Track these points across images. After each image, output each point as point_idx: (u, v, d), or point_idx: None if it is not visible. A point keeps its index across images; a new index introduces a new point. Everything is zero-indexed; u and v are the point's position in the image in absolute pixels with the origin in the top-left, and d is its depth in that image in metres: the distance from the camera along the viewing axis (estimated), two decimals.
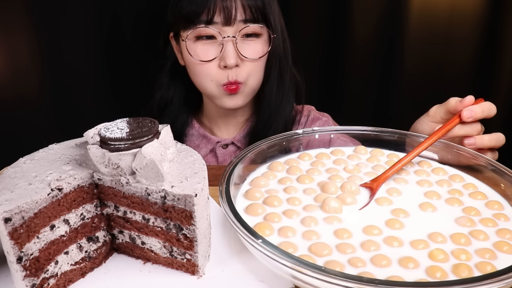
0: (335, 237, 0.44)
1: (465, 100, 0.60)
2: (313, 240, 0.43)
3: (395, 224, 0.46)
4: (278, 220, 0.46)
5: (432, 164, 0.60)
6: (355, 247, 0.42)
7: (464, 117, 0.59)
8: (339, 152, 0.63)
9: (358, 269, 0.39)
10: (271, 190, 0.53)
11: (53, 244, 0.39)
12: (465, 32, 1.12)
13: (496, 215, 0.48)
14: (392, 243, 0.43)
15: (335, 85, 1.20)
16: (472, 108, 0.59)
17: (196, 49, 0.78)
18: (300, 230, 0.45)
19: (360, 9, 1.12)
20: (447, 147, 0.60)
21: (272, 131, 0.83)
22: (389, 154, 0.63)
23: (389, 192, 0.52)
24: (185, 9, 0.77)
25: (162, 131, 0.43)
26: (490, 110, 0.60)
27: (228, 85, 0.79)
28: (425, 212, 0.49)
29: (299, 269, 0.36)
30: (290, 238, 0.44)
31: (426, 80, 1.16)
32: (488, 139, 0.60)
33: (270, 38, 0.80)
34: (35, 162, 0.43)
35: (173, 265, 0.44)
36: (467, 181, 0.55)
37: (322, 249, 0.41)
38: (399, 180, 0.55)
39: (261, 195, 0.52)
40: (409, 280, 0.38)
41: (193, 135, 0.91)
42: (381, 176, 0.54)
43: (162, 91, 0.89)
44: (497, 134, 0.61)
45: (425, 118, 0.66)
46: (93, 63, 1.11)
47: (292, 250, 0.41)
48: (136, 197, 0.41)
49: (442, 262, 0.40)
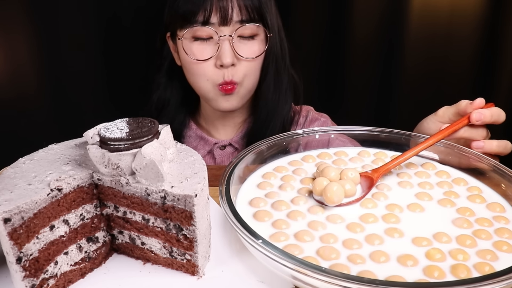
0: (337, 238, 0.44)
1: (475, 102, 0.60)
2: (318, 242, 0.43)
3: (394, 230, 0.45)
4: (286, 226, 0.46)
5: (437, 166, 0.59)
6: (355, 245, 0.42)
7: (473, 119, 0.59)
8: (342, 154, 0.63)
9: (358, 266, 0.40)
10: (272, 191, 0.53)
11: (53, 245, 0.39)
12: (465, 32, 1.12)
13: (496, 217, 0.47)
14: (391, 241, 0.43)
15: (336, 85, 1.20)
16: (482, 111, 0.59)
17: (192, 48, 0.78)
18: (303, 231, 0.45)
19: (360, 9, 1.12)
20: (448, 147, 0.60)
21: (270, 131, 0.83)
22: (392, 155, 0.62)
23: (389, 193, 0.52)
24: (181, 8, 0.76)
25: (162, 131, 0.43)
26: (499, 116, 0.60)
27: (224, 85, 0.78)
28: (419, 213, 0.48)
29: (299, 269, 0.36)
30: (296, 242, 0.43)
31: (426, 81, 1.16)
32: (496, 145, 0.60)
33: (267, 38, 0.80)
34: (35, 162, 0.43)
35: (173, 265, 0.44)
36: (471, 184, 0.55)
37: (330, 253, 0.41)
38: (404, 184, 0.54)
39: (263, 195, 0.51)
40: (408, 280, 0.38)
41: (191, 137, 0.91)
42: (382, 167, 0.54)
43: (159, 92, 0.89)
44: (505, 142, 0.60)
45: (433, 118, 0.65)
46: (93, 62, 1.11)
47: (298, 252, 0.41)
48: (136, 197, 0.41)
49: (439, 261, 0.40)
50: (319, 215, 0.48)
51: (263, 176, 0.56)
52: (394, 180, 0.55)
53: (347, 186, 0.49)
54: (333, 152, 0.63)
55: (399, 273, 0.39)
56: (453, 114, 0.63)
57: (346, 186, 0.49)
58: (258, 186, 0.54)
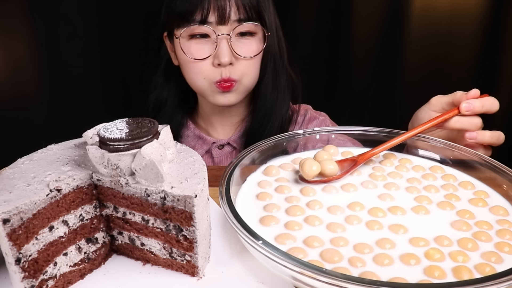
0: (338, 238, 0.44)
1: (470, 93, 0.60)
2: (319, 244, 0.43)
3: (399, 229, 0.45)
4: (299, 227, 0.46)
5: (446, 169, 0.58)
6: (355, 246, 0.42)
7: (462, 109, 0.59)
8: (348, 153, 0.62)
9: (359, 269, 0.39)
10: (273, 193, 0.52)
11: (52, 245, 0.39)
12: (467, 33, 1.11)
13: (499, 221, 0.47)
14: (385, 244, 0.43)
15: (336, 85, 1.20)
16: (472, 101, 0.59)
17: (190, 47, 0.78)
18: (305, 234, 0.45)
19: (361, 9, 1.12)
20: (448, 147, 0.59)
21: (268, 130, 0.83)
22: (401, 158, 0.61)
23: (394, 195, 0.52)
24: (178, 7, 0.76)
25: (162, 131, 0.42)
26: (492, 106, 0.59)
27: (221, 82, 0.78)
28: (425, 215, 0.48)
29: (299, 270, 0.35)
30: (297, 243, 0.43)
31: (427, 81, 1.16)
32: (489, 136, 0.60)
33: (265, 37, 0.80)
34: (34, 162, 0.42)
35: (172, 266, 0.43)
36: (478, 188, 0.54)
37: (333, 255, 0.41)
38: (411, 189, 0.53)
39: (264, 196, 0.51)
40: (410, 281, 0.38)
41: (189, 136, 0.91)
42: (368, 152, 0.56)
43: (156, 92, 0.89)
44: (498, 132, 0.60)
45: (426, 107, 0.66)
46: (92, 63, 1.11)
47: (302, 256, 0.41)
48: (136, 198, 0.41)
49: (438, 261, 0.40)
50: (321, 213, 0.48)
51: (263, 177, 0.56)
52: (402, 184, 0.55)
53: (328, 164, 0.53)
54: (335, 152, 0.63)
55: (402, 275, 0.39)
56: (447, 103, 0.63)
57: (327, 163, 0.53)
58: (259, 187, 0.54)
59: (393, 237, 0.44)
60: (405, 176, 0.56)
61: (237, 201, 0.50)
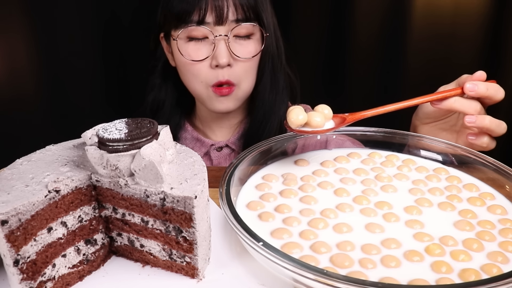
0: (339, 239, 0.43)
1: (475, 74, 0.59)
2: (316, 240, 0.43)
3: (411, 227, 0.45)
4: (296, 223, 0.46)
5: (450, 171, 0.57)
6: (355, 245, 0.42)
7: (466, 89, 0.57)
8: (356, 155, 0.62)
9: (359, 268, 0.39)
10: (274, 194, 0.52)
11: (51, 247, 0.39)
12: (469, 32, 1.11)
13: (501, 220, 0.47)
14: (390, 245, 0.43)
15: (337, 85, 1.20)
16: (477, 82, 0.57)
17: (187, 49, 0.77)
18: (304, 232, 0.44)
19: (362, 8, 1.11)
20: (451, 147, 0.59)
21: (267, 131, 0.82)
22: (405, 159, 0.61)
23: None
24: (175, 8, 0.75)
25: (161, 132, 0.42)
26: (496, 92, 0.58)
27: (218, 86, 0.77)
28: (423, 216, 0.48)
29: (300, 272, 0.35)
30: (292, 238, 0.43)
31: (429, 81, 1.15)
32: (489, 121, 0.58)
33: (263, 37, 0.79)
34: (32, 163, 0.42)
35: (172, 268, 0.43)
36: (483, 190, 0.53)
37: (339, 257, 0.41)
38: (414, 191, 0.53)
39: (265, 198, 0.51)
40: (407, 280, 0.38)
41: (187, 138, 0.90)
42: (359, 112, 0.56)
43: (154, 93, 0.88)
44: (499, 121, 0.59)
45: None
46: (92, 63, 1.11)
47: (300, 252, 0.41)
48: (135, 199, 0.41)
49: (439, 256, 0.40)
50: (324, 215, 0.47)
51: (264, 178, 0.56)
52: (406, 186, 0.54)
53: (315, 116, 0.52)
54: (333, 156, 0.62)
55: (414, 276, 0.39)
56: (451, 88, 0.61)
57: (314, 114, 0.52)
58: (259, 188, 0.53)
59: (399, 237, 0.44)
60: (410, 178, 0.56)
61: (237, 202, 0.50)
